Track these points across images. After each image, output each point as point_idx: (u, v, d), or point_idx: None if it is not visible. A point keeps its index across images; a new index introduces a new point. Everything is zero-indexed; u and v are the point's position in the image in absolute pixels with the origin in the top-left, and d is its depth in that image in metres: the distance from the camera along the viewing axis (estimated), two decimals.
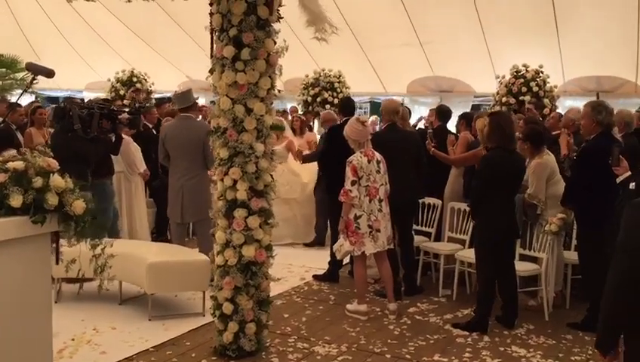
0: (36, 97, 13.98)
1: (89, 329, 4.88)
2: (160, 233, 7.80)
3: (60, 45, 14.89)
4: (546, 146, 5.76)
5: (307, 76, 12.59)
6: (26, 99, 13.61)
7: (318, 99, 12.20)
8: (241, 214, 4.29)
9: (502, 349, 4.72)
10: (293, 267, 6.99)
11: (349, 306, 5.47)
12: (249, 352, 4.39)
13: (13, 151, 6.76)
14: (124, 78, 13.73)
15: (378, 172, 5.34)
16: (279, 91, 4.51)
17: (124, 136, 7.11)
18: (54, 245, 3.58)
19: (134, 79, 13.69)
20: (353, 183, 5.25)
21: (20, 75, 15.16)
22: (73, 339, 4.67)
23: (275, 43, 4.36)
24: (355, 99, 13.24)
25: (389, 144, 5.86)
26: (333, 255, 6.51)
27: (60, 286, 5.83)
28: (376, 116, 12.74)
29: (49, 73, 8.63)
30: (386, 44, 12.10)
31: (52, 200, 3.29)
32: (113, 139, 6.48)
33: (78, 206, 3.38)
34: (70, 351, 4.46)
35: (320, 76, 12.45)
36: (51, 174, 3.36)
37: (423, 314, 5.50)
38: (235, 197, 4.31)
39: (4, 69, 14.88)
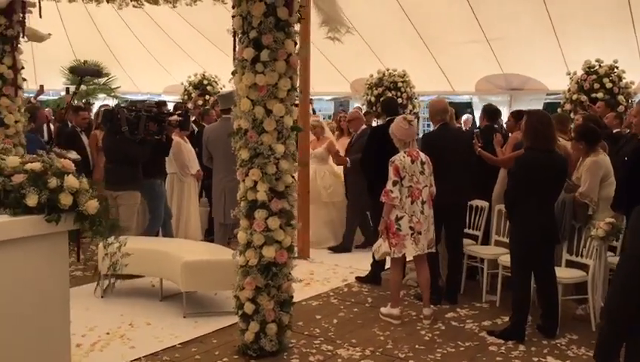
0: (119, 101, 14.71)
1: (125, 324, 5.06)
2: (211, 232, 7.98)
3: (138, 51, 15.55)
4: (602, 145, 5.47)
5: (371, 76, 12.50)
6: (108, 103, 14.38)
7: (382, 99, 12.04)
8: (262, 215, 4.32)
9: (535, 359, 4.50)
10: (339, 268, 6.97)
11: (382, 309, 5.38)
12: (270, 352, 4.41)
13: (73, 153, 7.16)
14: (195, 81, 14.17)
15: (422, 173, 5.21)
16: (301, 92, 4.48)
17: (176, 137, 7.36)
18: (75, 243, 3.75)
19: (205, 82, 14.11)
20: (395, 184, 5.15)
21: (102, 80, 16.03)
22: (108, 333, 4.86)
23: (296, 44, 4.35)
24: (423, 98, 13.23)
25: (440, 144, 5.74)
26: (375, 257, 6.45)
27: (109, 282, 6.09)
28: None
29: (96, 73, 8.93)
30: (452, 41, 11.83)
31: (65, 200, 3.42)
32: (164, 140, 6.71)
33: (91, 206, 3.49)
34: (102, 344, 4.64)
35: (384, 76, 12.32)
36: (66, 175, 3.50)
37: (460, 320, 5.33)
38: (255, 198, 4.34)
39: (88, 75, 15.76)
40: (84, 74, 7.95)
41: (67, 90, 13.48)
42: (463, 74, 12.63)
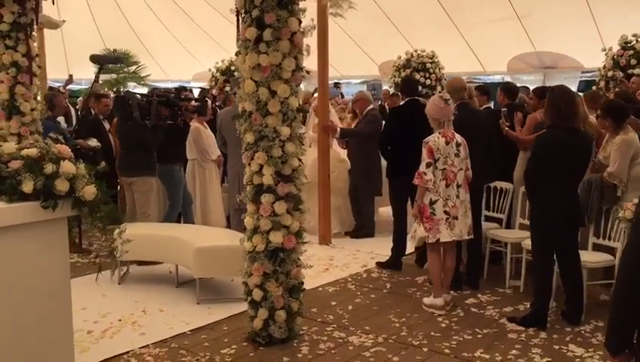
0: (149, 89, 14.80)
1: (138, 311, 5.04)
2: None
3: (167, 39, 15.59)
4: (633, 122, 5.19)
5: (399, 58, 12.23)
6: (140, 91, 14.47)
7: (401, 79, 11.78)
8: (268, 200, 4.21)
9: (556, 347, 4.29)
10: (360, 254, 6.84)
11: (425, 300, 5.15)
12: (279, 340, 4.31)
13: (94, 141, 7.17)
14: (223, 68, 14.12)
15: (457, 155, 4.97)
16: (308, 72, 4.34)
17: (196, 123, 7.29)
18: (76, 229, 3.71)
19: (232, 68, 14.04)
20: (428, 165, 4.92)
21: (132, 69, 16.15)
22: (120, 320, 4.84)
23: (301, 22, 4.20)
24: None
25: (458, 124, 5.51)
26: (395, 241, 6.30)
27: (128, 268, 6.10)
28: None
29: (115, 60, 8.93)
30: (482, 20, 11.51)
31: (61, 186, 3.35)
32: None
33: (88, 192, 3.43)
34: (113, 331, 4.62)
35: (412, 57, 12.04)
36: (62, 161, 3.44)
37: (480, 306, 5.14)
38: (261, 182, 4.23)
39: (118, 64, 15.89)
40: (104, 62, 7.94)
41: (97, 78, 13.63)
42: (494, 53, 12.30)
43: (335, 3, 4.18)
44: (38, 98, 6.15)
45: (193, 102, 6.86)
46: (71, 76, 11.96)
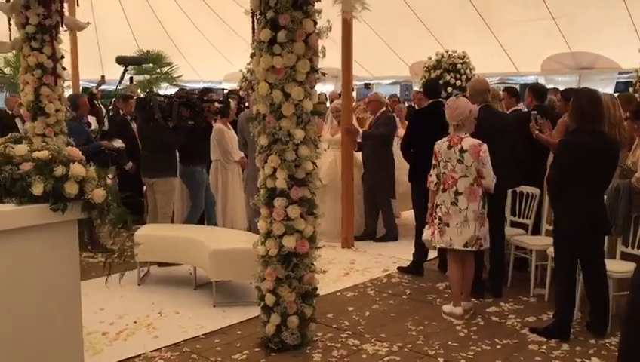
0: (179, 89, 14.92)
1: (154, 313, 5.04)
2: None
3: (199, 40, 15.69)
4: None
5: (429, 58, 12.04)
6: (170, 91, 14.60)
7: (440, 82, 11.59)
8: (281, 203, 4.15)
9: (578, 360, 4.13)
10: (382, 258, 6.74)
11: (444, 308, 5.03)
12: (292, 346, 4.25)
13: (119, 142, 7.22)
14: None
15: (460, 162, 4.82)
16: (323, 74, 4.26)
17: (219, 124, 7.30)
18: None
19: None
20: (433, 167, 4.95)
21: (164, 69, 16.30)
22: (135, 322, 4.84)
23: (316, 23, 4.13)
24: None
25: (481, 127, 5.36)
26: (417, 246, 6.18)
27: (148, 269, 6.11)
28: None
29: (138, 61, 8.96)
30: (515, 19, 11.23)
31: (70, 188, 3.35)
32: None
33: (97, 194, 3.42)
34: (127, 333, 4.62)
35: (442, 58, 11.84)
36: (72, 163, 3.43)
37: (501, 315, 4.99)
38: (274, 185, 4.17)
39: (151, 64, 16.07)
40: (128, 63, 7.99)
41: (131, 79, 13.77)
42: (528, 53, 11.98)
43: (347, 4, 4.06)
44: (63, 99, 6.17)
45: (216, 104, 6.85)
46: (103, 77, 12.12)
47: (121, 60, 7.90)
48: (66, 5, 6.05)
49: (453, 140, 4.88)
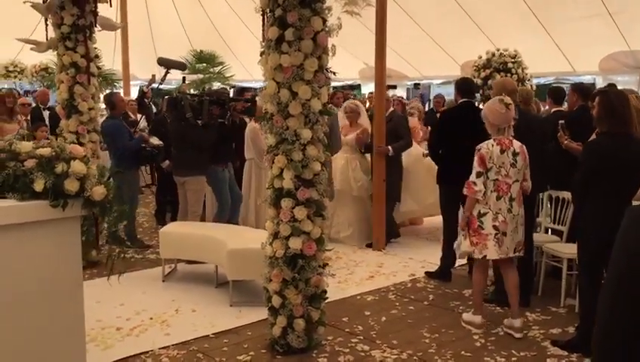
0: (231, 87, 15.10)
1: (171, 310, 5.07)
2: None
3: (250, 40, 15.82)
4: None
5: (479, 57, 11.70)
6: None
7: (489, 82, 11.25)
8: (288, 204, 4.09)
9: None
10: (411, 262, 6.58)
11: (464, 316, 4.85)
12: (298, 349, 4.18)
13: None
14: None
15: (513, 165, 4.55)
16: (334, 73, 4.17)
17: (255, 124, 7.29)
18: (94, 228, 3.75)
19: None
20: (479, 175, 4.52)
21: (217, 69, 16.54)
22: (151, 318, 4.89)
23: (325, 21, 4.04)
24: (539, 80, 12.21)
25: None
26: (445, 250, 6.00)
27: (175, 266, 6.18)
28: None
29: (181, 66, 9.06)
30: (570, 16, 10.77)
31: (70, 185, 3.39)
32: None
33: (96, 192, 3.45)
34: (140, 329, 4.67)
35: (493, 57, 11.47)
36: (72, 161, 3.48)
37: (525, 325, 4.74)
38: (281, 185, 4.11)
39: (204, 64, 16.35)
40: (170, 66, 8.10)
41: (183, 79, 14.05)
42: (584, 52, 11.47)
43: (350, 1, 3.96)
44: (96, 98, 6.31)
45: (243, 103, 6.85)
46: (154, 76, 12.35)
47: (163, 62, 8.02)
48: (100, 5, 6.14)
49: (505, 143, 4.57)
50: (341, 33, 4.09)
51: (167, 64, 8.05)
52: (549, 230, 5.87)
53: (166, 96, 7.62)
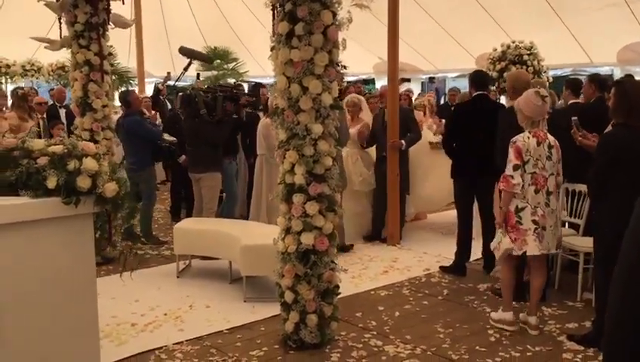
0: (247, 83, 15.12)
1: (185, 306, 5.09)
2: None
3: (263, 36, 15.82)
4: None
5: (494, 50, 11.60)
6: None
7: (505, 75, 11.13)
8: (299, 200, 4.08)
9: None
10: (426, 256, 6.54)
11: (493, 314, 4.71)
12: (311, 345, 4.17)
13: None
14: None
15: (549, 158, 4.45)
16: (344, 67, 4.15)
17: (267, 119, 7.29)
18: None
19: None
20: (516, 168, 4.36)
21: (231, 65, 16.54)
22: (166, 314, 4.91)
23: (335, 15, 4.01)
24: (556, 72, 12.07)
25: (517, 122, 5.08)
26: (459, 245, 5.96)
27: (190, 262, 6.20)
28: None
29: (204, 57, 8.91)
30: (587, 6, 10.62)
31: (82, 182, 3.40)
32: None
33: (108, 188, 3.46)
34: (155, 325, 4.69)
35: (508, 49, 11.36)
36: (84, 158, 3.49)
37: (541, 320, 4.68)
38: (293, 181, 4.10)
39: (218, 60, 16.36)
40: (193, 57, 8.01)
41: (198, 75, 14.11)
42: (602, 43, 11.31)
43: None
44: (110, 95, 6.35)
45: (247, 97, 6.86)
46: (169, 73, 12.41)
47: (185, 52, 7.92)
48: (113, 3, 6.16)
49: (540, 136, 4.47)
50: (355, 27, 4.06)
51: (190, 54, 7.98)
52: (567, 223, 5.80)
53: (180, 93, 7.62)
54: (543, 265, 4.59)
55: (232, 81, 16.44)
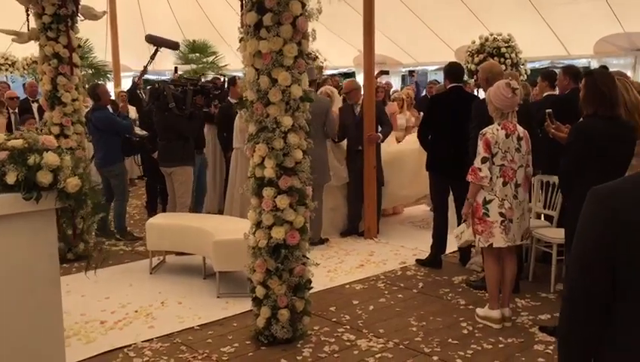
0: (224, 77, 14.99)
1: (157, 303, 5.01)
2: None
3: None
4: None
5: (473, 43, 11.60)
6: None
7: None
8: (269, 193, 4.02)
9: None
10: (403, 249, 6.51)
11: (479, 311, 4.63)
12: (283, 339, 4.12)
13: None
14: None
15: (518, 150, 4.42)
16: (314, 59, 4.08)
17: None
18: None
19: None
20: (484, 160, 4.35)
21: (210, 59, 16.40)
22: (136, 311, 4.83)
23: (304, 5, 3.95)
24: (534, 64, 12.10)
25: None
26: (435, 238, 5.93)
27: (164, 258, 6.11)
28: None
29: (172, 44, 8.75)
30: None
31: (43, 177, 3.32)
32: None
33: (71, 183, 3.38)
34: (125, 322, 4.61)
35: (486, 42, 11.37)
36: (45, 152, 3.40)
37: (514, 311, 4.68)
38: (263, 175, 4.04)
39: (197, 54, 16.23)
40: (160, 44, 7.85)
41: (175, 69, 13.96)
42: (579, 35, 11.36)
43: None
44: (80, 89, 6.23)
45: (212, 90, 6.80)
46: (145, 67, 12.26)
47: (152, 39, 7.78)
48: None
49: (509, 128, 4.42)
50: (336, 20, 4.01)
51: (156, 41, 7.85)
52: (542, 215, 5.81)
53: (148, 87, 7.49)
54: (513, 257, 4.57)
55: (212, 74, 16.33)
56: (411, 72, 14.30)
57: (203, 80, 6.95)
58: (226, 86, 7.11)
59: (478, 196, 4.44)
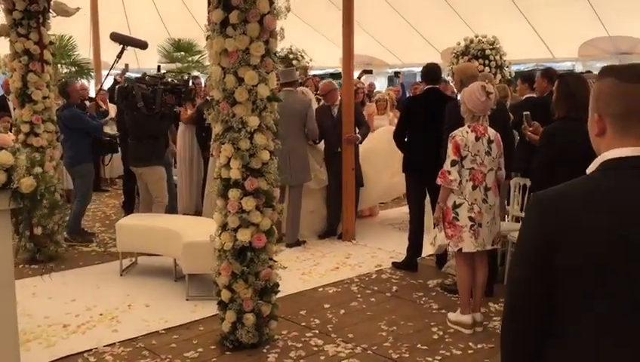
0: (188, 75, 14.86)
1: (124, 305, 4.90)
2: None
3: None
4: None
5: (458, 44, 11.53)
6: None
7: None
8: (235, 195, 3.92)
9: None
10: (380, 252, 6.43)
11: (450, 315, 4.52)
12: (248, 345, 4.03)
13: None
14: (282, 56, 13.92)
15: (488, 153, 4.34)
16: (281, 58, 3.99)
17: None
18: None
19: (291, 56, 13.81)
20: (453, 164, 4.28)
21: (195, 58, 16.26)
22: (101, 314, 4.72)
23: (272, 3, 3.86)
24: (519, 67, 12.07)
25: None
26: (411, 240, 5.86)
27: (136, 260, 5.99)
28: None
29: (139, 43, 8.60)
30: (548, 2, 10.63)
31: None
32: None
33: (25, 184, 3.28)
34: (88, 326, 4.50)
35: (471, 43, 11.30)
36: None
37: (486, 316, 4.61)
38: (229, 176, 3.95)
39: (182, 53, 16.08)
40: (125, 42, 7.67)
41: (158, 67, 13.83)
42: (564, 38, 11.36)
43: None
44: (51, 86, 6.10)
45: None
46: (127, 65, 12.10)
47: (117, 37, 7.62)
48: None
49: (480, 130, 4.35)
50: (323, 21, 3.94)
51: (122, 40, 7.69)
52: (520, 219, 5.74)
53: (117, 86, 7.36)
54: (484, 261, 4.50)
55: (196, 73, 16.18)
56: (397, 73, 14.24)
57: (169, 78, 6.77)
58: (190, 84, 6.96)
59: (448, 200, 4.38)
